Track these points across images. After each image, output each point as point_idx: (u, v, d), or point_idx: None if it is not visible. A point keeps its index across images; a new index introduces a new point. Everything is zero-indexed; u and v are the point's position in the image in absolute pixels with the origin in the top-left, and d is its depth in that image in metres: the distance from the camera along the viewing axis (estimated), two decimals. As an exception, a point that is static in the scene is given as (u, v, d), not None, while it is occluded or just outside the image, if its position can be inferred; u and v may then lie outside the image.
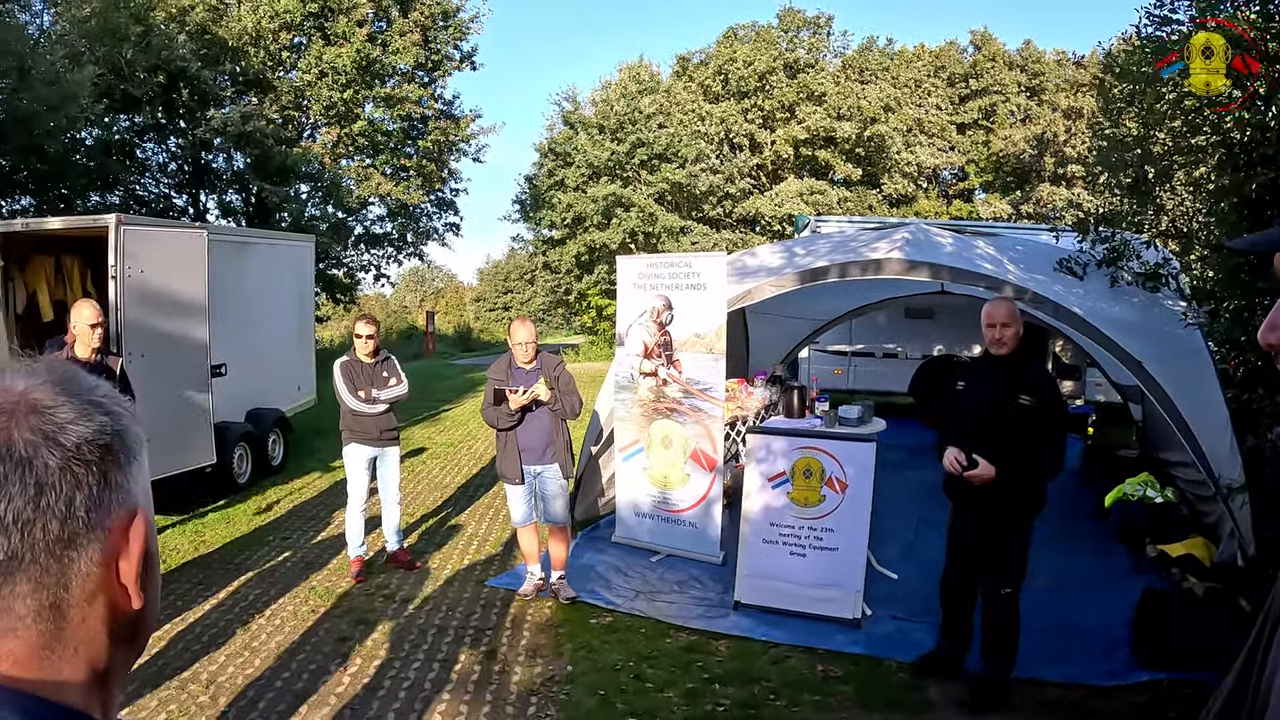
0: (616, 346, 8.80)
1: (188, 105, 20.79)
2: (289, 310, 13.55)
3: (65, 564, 0.92)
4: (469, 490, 11.21)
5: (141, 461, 1.00)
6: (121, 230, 9.29)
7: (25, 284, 11.56)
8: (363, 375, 7.91)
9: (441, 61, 26.16)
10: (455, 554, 8.63)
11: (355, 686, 5.94)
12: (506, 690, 5.80)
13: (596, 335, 33.37)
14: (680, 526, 8.30)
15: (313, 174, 23.11)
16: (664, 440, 8.37)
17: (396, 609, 7.24)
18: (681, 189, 32.64)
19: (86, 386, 0.98)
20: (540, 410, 7.07)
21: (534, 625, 6.82)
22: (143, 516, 0.97)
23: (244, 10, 22.16)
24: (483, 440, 14.38)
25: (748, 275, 8.70)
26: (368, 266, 28.16)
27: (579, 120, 32.92)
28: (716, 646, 6.35)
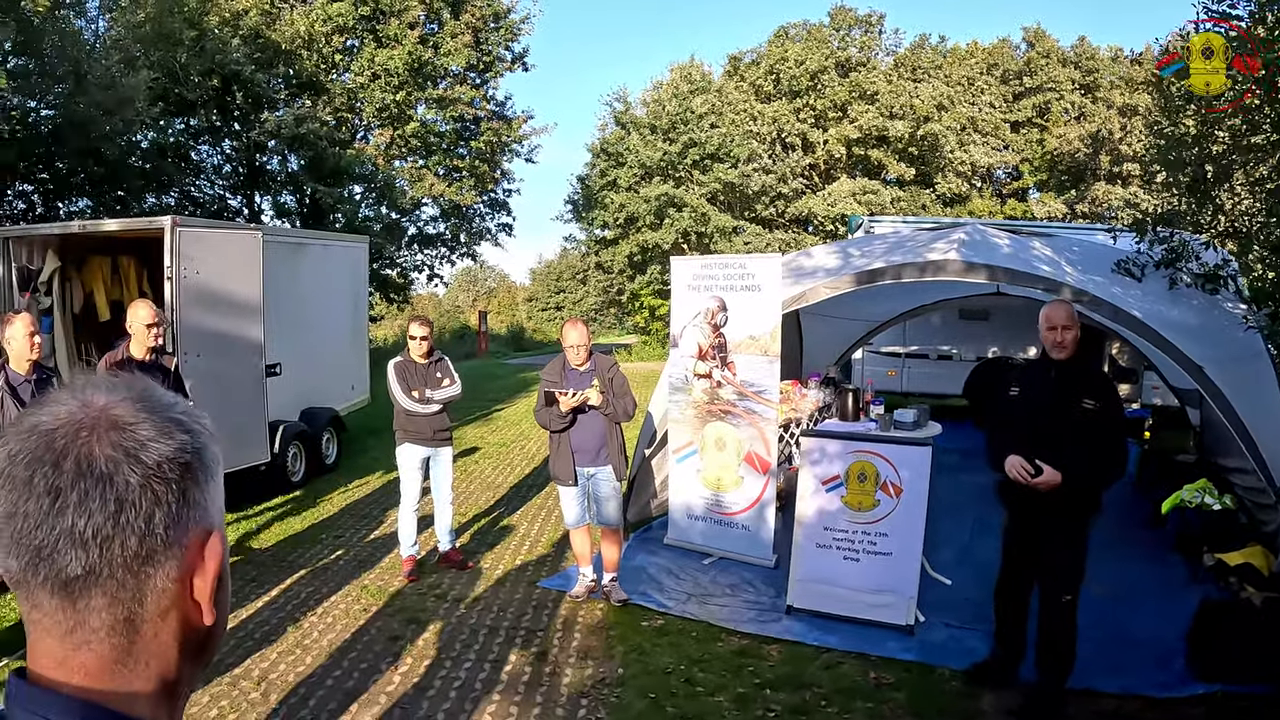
0: (671, 348, 8.77)
1: (242, 108, 21.00)
2: (343, 310, 13.65)
3: (142, 580, 0.93)
4: (521, 490, 11.24)
5: (218, 480, 1.00)
6: (177, 232, 9.38)
7: (82, 284, 11.72)
8: (416, 375, 7.94)
9: (493, 63, 26.24)
10: (507, 554, 8.65)
11: (406, 685, 5.96)
12: (557, 692, 5.79)
13: (649, 335, 33.38)
14: (733, 529, 8.25)
15: (366, 175, 23.27)
16: (718, 442, 8.32)
17: (448, 609, 7.26)
18: (734, 189, 32.57)
19: (166, 403, 0.99)
20: (594, 412, 7.05)
21: (585, 627, 6.81)
22: (218, 535, 0.98)
23: (296, 14, 22.34)
24: (535, 440, 14.40)
25: (803, 276, 8.64)
26: (421, 266, 28.32)
27: (631, 120, 32.94)
28: (768, 651, 6.30)
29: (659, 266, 31.74)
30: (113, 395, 0.97)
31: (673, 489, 8.76)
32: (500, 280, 69.94)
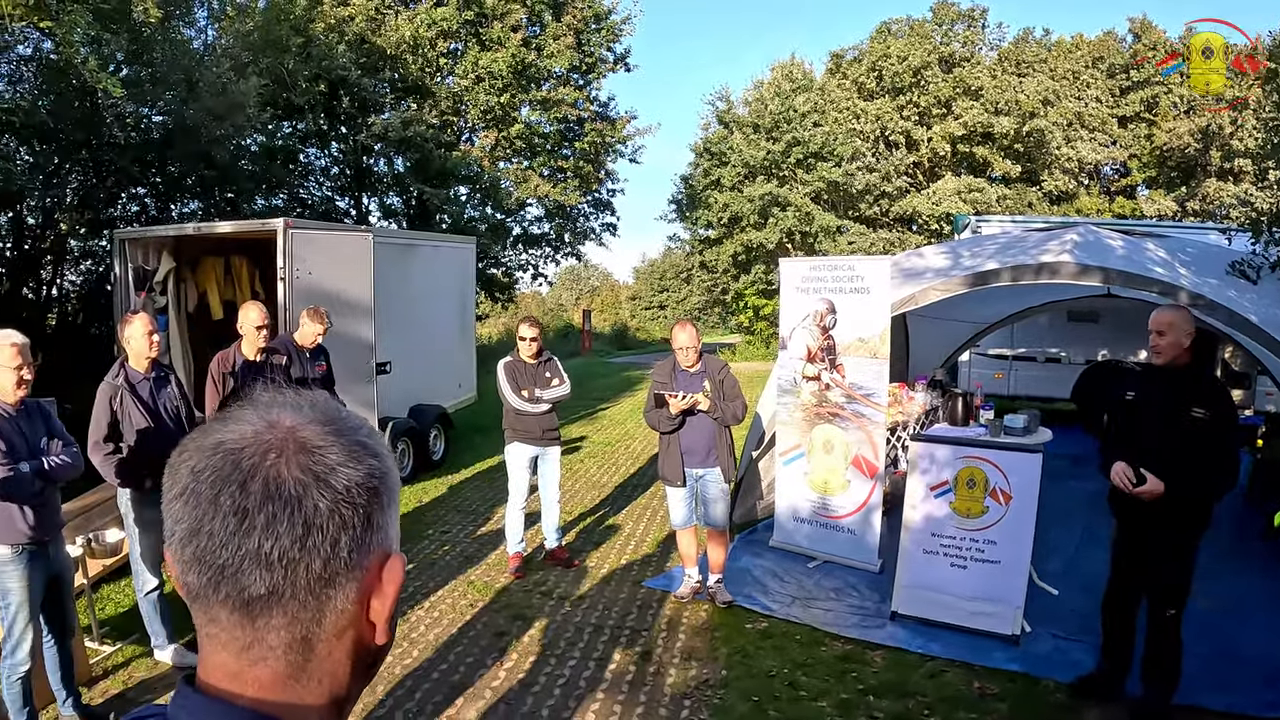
0: (779, 350, 8.74)
1: (348, 112, 21.32)
2: (451, 309, 13.88)
3: (322, 601, 0.95)
4: (626, 490, 11.30)
5: (397, 503, 1.02)
6: (290, 233, 9.62)
7: (196, 284, 12.08)
8: (526, 375, 8.05)
9: (595, 64, 26.27)
10: (612, 553, 8.72)
11: (511, 681, 6.06)
12: (660, 692, 5.83)
13: (753, 335, 33.29)
14: (839, 533, 8.21)
15: (472, 176, 23.47)
16: (825, 445, 8.28)
17: (553, 606, 7.35)
18: (838, 188, 32.26)
19: (352, 426, 1.01)
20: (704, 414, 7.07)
21: (689, 628, 6.83)
22: (398, 558, 1.00)
23: (401, 20, 22.61)
24: (640, 440, 14.47)
25: (913, 277, 8.56)
26: (525, 266, 28.47)
27: (733, 120, 32.84)
28: (872, 657, 6.27)
29: (763, 266, 31.59)
30: (299, 417, 0.99)
31: (779, 491, 8.72)
32: (604, 279, 70.22)
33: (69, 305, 17.12)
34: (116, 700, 5.97)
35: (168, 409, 6.22)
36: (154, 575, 6.33)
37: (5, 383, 4.96)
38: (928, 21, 37.28)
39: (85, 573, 6.77)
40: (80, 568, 6.53)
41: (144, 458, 6.03)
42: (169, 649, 6.43)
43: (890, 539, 7.71)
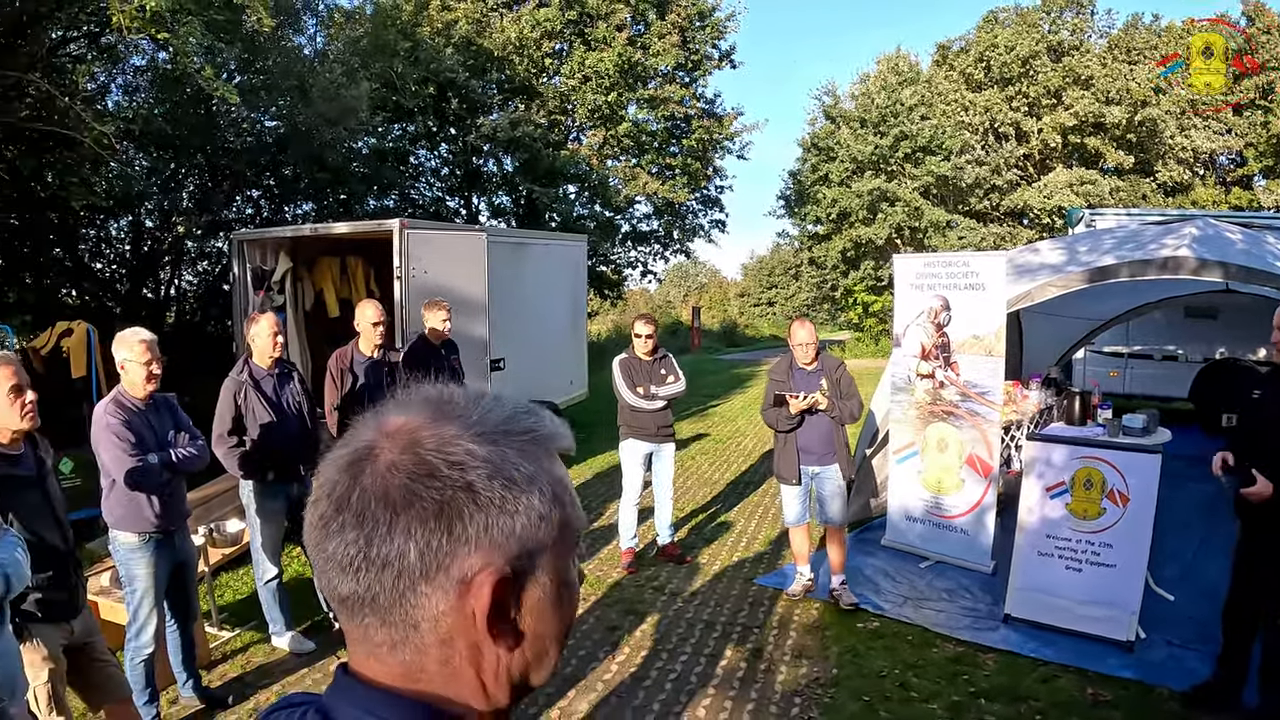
0: (893, 347, 8.64)
1: (457, 113, 21.61)
2: (563, 307, 13.98)
3: (407, 608, 0.93)
4: (738, 487, 11.27)
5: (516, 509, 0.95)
6: (405, 233, 9.77)
7: (313, 283, 12.33)
8: (641, 372, 8.08)
9: (701, 61, 26.21)
10: (724, 550, 8.70)
11: (623, 675, 6.08)
12: (771, 690, 5.81)
13: (862, 332, 32.99)
14: (952, 533, 8.09)
15: (580, 175, 23.63)
16: (939, 444, 8.17)
17: (665, 602, 7.37)
18: (947, 182, 31.77)
19: (457, 426, 0.97)
20: (821, 411, 7.04)
21: (800, 626, 6.79)
22: (489, 576, 0.93)
23: (506, 22, 22.85)
24: (751, 437, 14.44)
25: (1027, 274, 8.39)
26: (634, 263, 28.61)
27: (840, 114, 32.53)
28: (984, 660, 6.16)
29: (872, 262, 31.29)
30: (404, 416, 0.98)
31: (892, 490, 8.62)
32: (712, 275, 70.07)
33: (186, 304, 17.67)
34: (234, 683, 6.13)
35: (290, 404, 6.38)
36: (273, 564, 6.49)
37: (135, 378, 5.12)
38: (1035, 9, 36.44)
39: (206, 561, 6.96)
40: (202, 556, 6.72)
41: (266, 451, 6.21)
42: (286, 635, 6.59)
43: (1003, 540, 7.56)
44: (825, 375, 7.06)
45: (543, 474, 0.99)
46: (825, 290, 36.67)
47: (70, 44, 12.63)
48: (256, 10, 10.32)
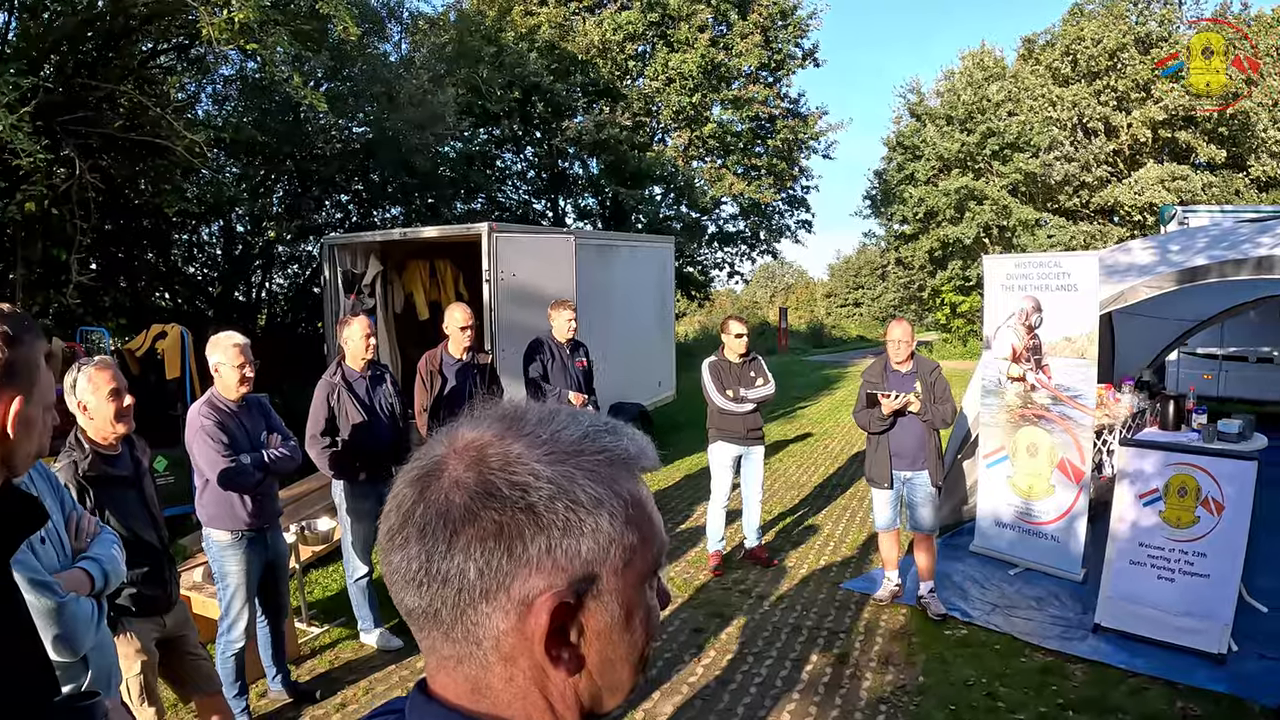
0: (983, 349, 8.51)
1: (542, 116, 21.75)
2: (651, 309, 14.02)
3: (469, 625, 0.92)
4: (825, 490, 11.18)
5: (583, 531, 0.92)
6: (494, 237, 9.86)
7: (403, 286, 12.51)
8: (731, 375, 8.04)
9: (784, 60, 26.13)
10: (811, 554, 8.64)
11: (708, 678, 6.05)
12: (856, 696, 5.74)
13: (949, 333, 32.56)
14: (1041, 540, 7.91)
15: (666, 176, 23.68)
16: (1030, 448, 8.01)
17: (752, 605, 7.32)
18: (1035, 179, 31.25)
19: (526, 444, 0.95)
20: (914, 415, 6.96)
21: (887, 632, 6.71)
22: (547, 600, 0.91)
23: (589, 25, 22.99)
24: (838, 439, 14.34)
25: (1117, 274, 8.21)
26: (721, 264, 28.62)
27: (925, 112, 32.17)
28: (1072, 670, 6.01)
29: (960, 262, 30.89)
30: (475, 432, 0.97)
31: (981, 495, 8.49)
32: (798, 276, 69.85)
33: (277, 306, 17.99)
34: (322, 679, 6.22)
35: (382, 406, 6.46)
36: (364, 562, 6.58)
37: (229, 380, 5.22)
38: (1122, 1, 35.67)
39: (297, 558, 7.08)
40: (293, 553, 6.84)
41: (358, 451, 6.29)
42: (374, 632, 6.67)
43: (1094, 548, 7.39)
44: (920, 378, 6.97)
45: (616, 496, 0.96)
46: (912, 290, 36.20)
47: (160, 56, 12.95)
48: (342, 19, 10.48)
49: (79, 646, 2.78)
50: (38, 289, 10.92)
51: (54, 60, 10.86)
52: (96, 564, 3.05)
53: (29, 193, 8.85)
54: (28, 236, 10.45)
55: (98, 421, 3.96)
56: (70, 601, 2.76)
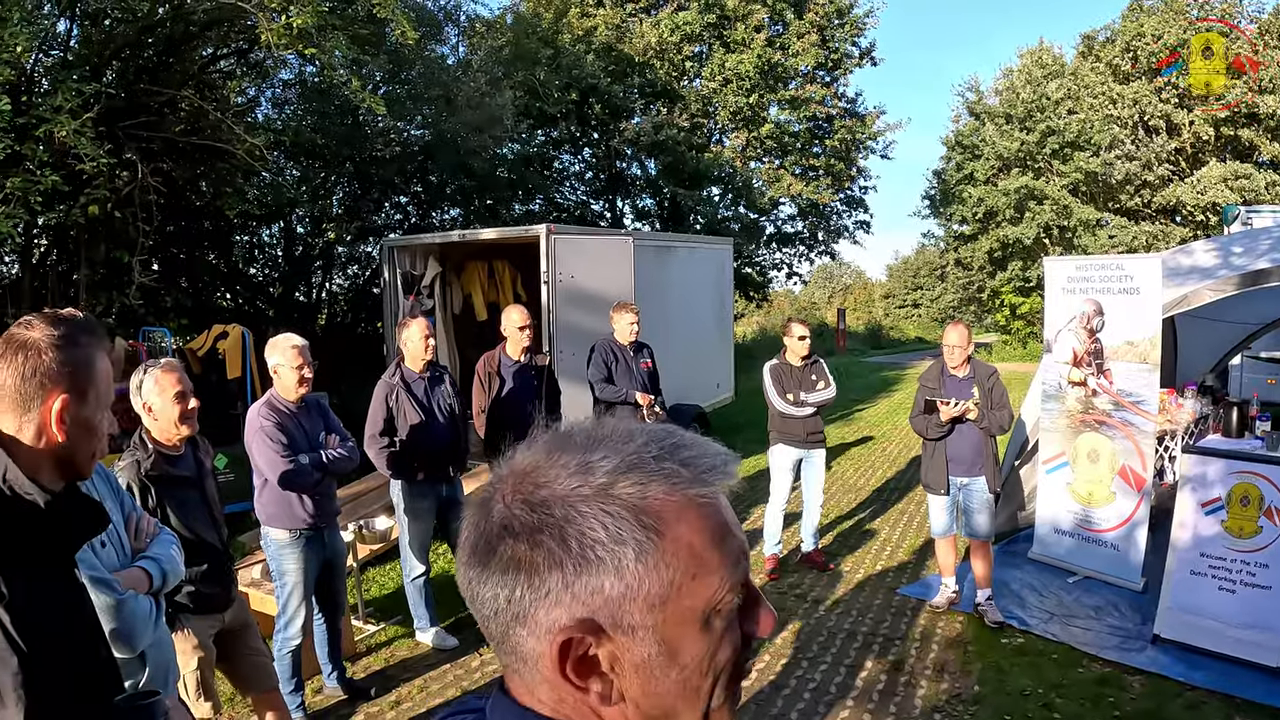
0: (1044, 353, 8.39)
1: (600, 118, 21.83)
2: (709, 310, 14.00)
3: (514, 645, 0.94)
4: (882, 494, 11.11)
5: (598, 570, 0.91)
6: (552, 239, 9.90)
7: (461, 287, 12.59)
8: (791, 378, 8.02)
9: (841, 60, 26.02)
10: (868, 558, 8.58)
11: (762, 682, 6.03)
12: (911, 704, 5.68)
13: (1009, 335, 32.20)
14: (1101, 548, 7.75)
15: (724, 177, 23.68)
16: (1090, 454, 7.85)
17: (807, 609, 7.28)
18: (1096, 178, 30.79)
19: (563, 478, 0.94)
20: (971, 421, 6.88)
21: (943, 639, 6.64)
22: (564, 630, 0.91)
23: (645, 26, 23.03)
24: (896, 443, 14.24)
25: (1179, 277, 8.06)
26: (779, 265, 28.58)
27: (984, 110, 31.81)
28: (1130, 682, 5.89)
29: (1020, 262, 30.51)
30: (523, 459, 0.99)
31: (1040, 501, 8.33)
32: (856, 276, 69.47)
33: (337, 306, 18.18)
34: (378, 676, 6.28)
35: (441, 407, 6.49)
36: (421, 562, 6.62)
37: (288, 381, 5.29)
38: (1182, -5, 34.99)
39: (355, 556, 7.14)
40: (351, 551, 6.91)
41: (416, 452, 6.34)
42: (430, 631, 6.72)
43: (1155, 557, 7.24)
44: (977, 383, 6.89)
45: (646, 530, 0.92)
46: (971, 292, 35.84)
47: (220, 61, 13.15)
48: (400, 23, 10.59)
49: (136, 643, 2.83)
50: (101, 289, 11.12)
51: (115, 66, 11.04)
52: (155, 563, 3.10)
53: (92, 196, 9.00)
54: (91, 239, 10.65)
55: (162, 423, 4.02)
56: (129, 599, 2.80)
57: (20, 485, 1.95)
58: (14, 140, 7.99)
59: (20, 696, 1.75)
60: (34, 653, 1.78)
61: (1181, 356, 10.23)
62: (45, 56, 9.95)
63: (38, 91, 9.34)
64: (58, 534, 2.03)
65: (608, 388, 7.97)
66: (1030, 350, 28.56)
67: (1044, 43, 34.66)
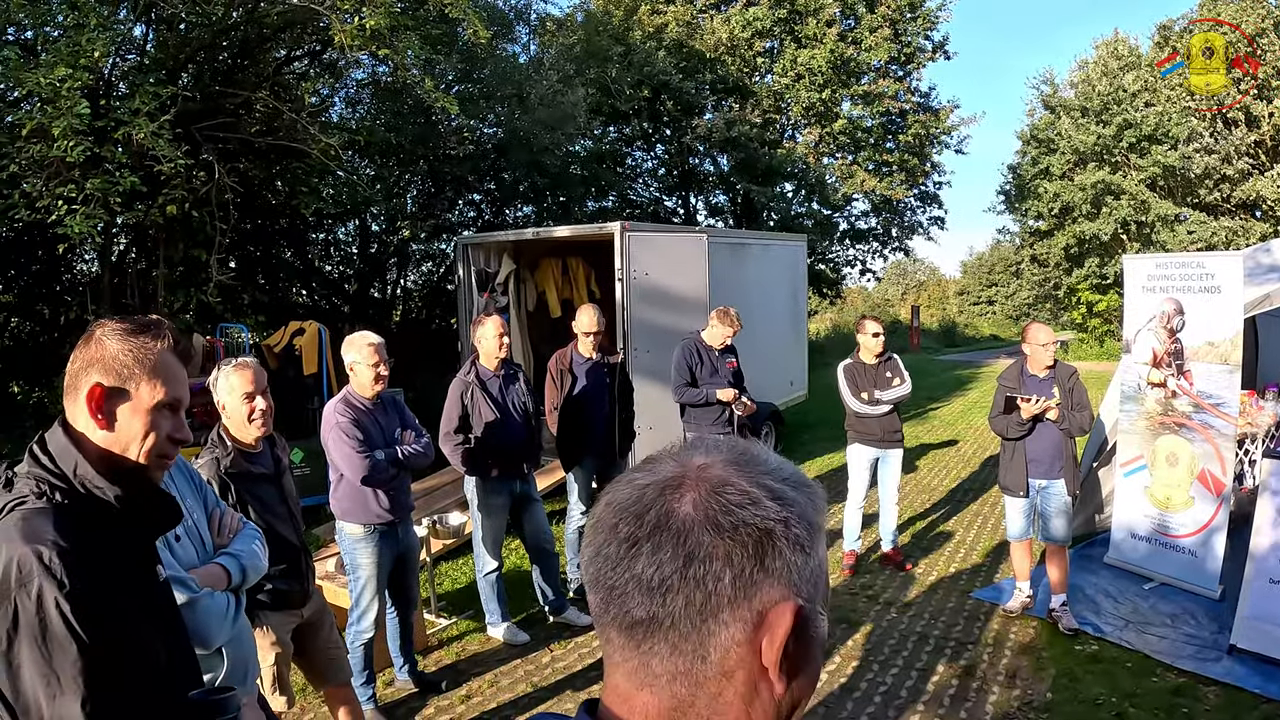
0: (1123, 353, 8.21)
1: (672, 114, 21.89)
2: (783, 307, 13.96)
3: (704, 635, 0.95)
4: (957, 495, 10.98)
5: (810, 551, 1.00)
6: (627, 236, 9.91)
7: (535, 284, 12.66)
8: (866, 377, 7.98)
9: (913, 54, 25.72)
10: (941, 560, 8.50)
11: (832, 685, 6.00)
12: (981, 710, 5.62)
13: (1085, 333, 31.64)
14: (1178, 554, 7.56)
15: (797, 173, 23.59)
16: (1169, 458, 7.67)
17: (879, 611, 7.24)
18: (1174, 173, 30.14)
19: (763, 468, 1.02)
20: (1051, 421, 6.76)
21: (1016, 644, 6.55)
22: (790, 606, 0.96)
23: (716, 22, 22.98)
24: (971, 443, 14.10)
25: (1259, 275, 7.88)
26: (852, 261, 28.40)
27: (1059, 103, 31.26)
28: (1205, 693, 5.74)
29: (1097, 259, 29.94)
30: (710, 456, 1.02)
31: (1117, 505, 8.16)
32: (930, 273, 68.78)
33: (412, 303, 18.38)
34: (449, 670, 6.35)
35: (515, 404, 6.54)
36: (494, 557, 6.68)
37: (364, 379, 5.36)
38: (1261, -18, 34.08)
39: (428, 550, 7.23)
40: (424, 546, 6.99)
41: (490, 448, 6.39)
42: (501, 626, 6.77)
43: (1233, 563, 7.04)
44: (1058, 383, 6.75)
45: (823, 529, 1.04)
46: (1047, 289, 35.25)
47: (294, 62, 13.36)
48: (471, 23, 10.66)
49: (210, 640, 2.88)
50: (179, 287, 11.32)
51: (191, 70, 11.26)
52: (234, 559, 3.14)
53: (170, 196, 9.17)
54: (169, 238, 10.85)
55: (234, 422, 4.09)
56: (203, 597, 2.85)
57: (91, 481, 2.01)
58: (93, 143, 8.15)
59: (79, 684, 1.80)
60: (95, 643, 1.83)
61: (1262, 357, 10.01)
62: (122, 61, 10.17)
63: (116, 95, 9.54)
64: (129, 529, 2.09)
65: (688, 390, 7.96)
66: (1107, 349, 28.07)
67: (1119, 34, 33.95)
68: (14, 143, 8.35)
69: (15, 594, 1.81)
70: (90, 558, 1.91)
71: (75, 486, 2.00)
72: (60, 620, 1.81)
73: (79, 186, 8.22)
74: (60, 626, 1.81)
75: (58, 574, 1.83)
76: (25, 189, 8.46)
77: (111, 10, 9.23)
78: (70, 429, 2.08)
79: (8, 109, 9.10)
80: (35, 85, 7.84)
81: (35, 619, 1.80)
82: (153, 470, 2.16)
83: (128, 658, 1.92)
